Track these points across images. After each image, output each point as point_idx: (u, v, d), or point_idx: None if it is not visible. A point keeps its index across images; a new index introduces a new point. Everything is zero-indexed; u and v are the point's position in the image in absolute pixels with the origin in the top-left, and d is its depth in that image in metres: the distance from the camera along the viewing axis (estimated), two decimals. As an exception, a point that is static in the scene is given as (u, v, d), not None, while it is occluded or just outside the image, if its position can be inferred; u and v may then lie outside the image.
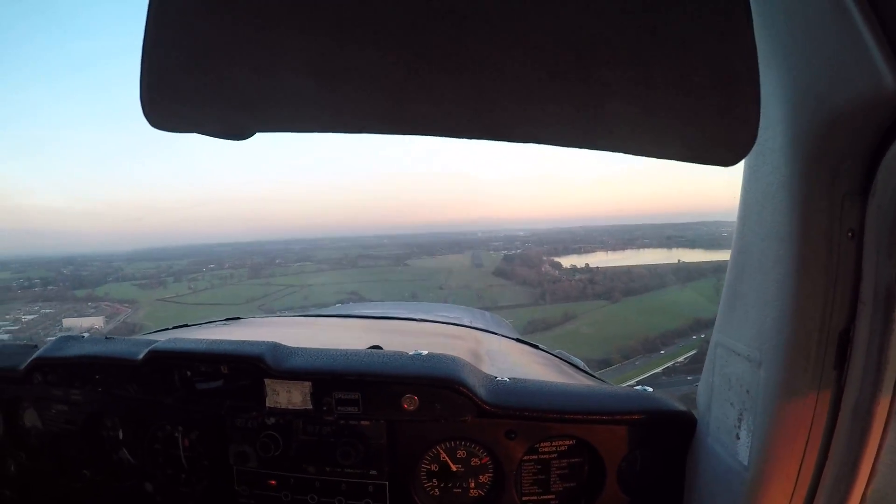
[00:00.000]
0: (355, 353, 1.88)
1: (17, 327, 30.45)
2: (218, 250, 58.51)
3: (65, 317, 35.52)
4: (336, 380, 1.80)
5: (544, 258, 49.95)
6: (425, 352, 1.87)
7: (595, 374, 2.67)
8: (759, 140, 1.18)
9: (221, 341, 1.96)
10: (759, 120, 0.74)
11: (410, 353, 1.86)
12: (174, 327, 2.95)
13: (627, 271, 44.68)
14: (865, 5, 0.92)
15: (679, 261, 44.42)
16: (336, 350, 1.89)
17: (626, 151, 0.78)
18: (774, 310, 1.25)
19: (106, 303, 40.42)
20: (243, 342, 1.93)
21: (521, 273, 46.20)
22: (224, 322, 3.18)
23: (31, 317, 34.37)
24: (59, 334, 2.22)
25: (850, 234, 1.16)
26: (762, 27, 1.14)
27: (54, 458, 2.13)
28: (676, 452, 1.74)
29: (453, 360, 1.84)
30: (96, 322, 34.01)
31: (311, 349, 1.91)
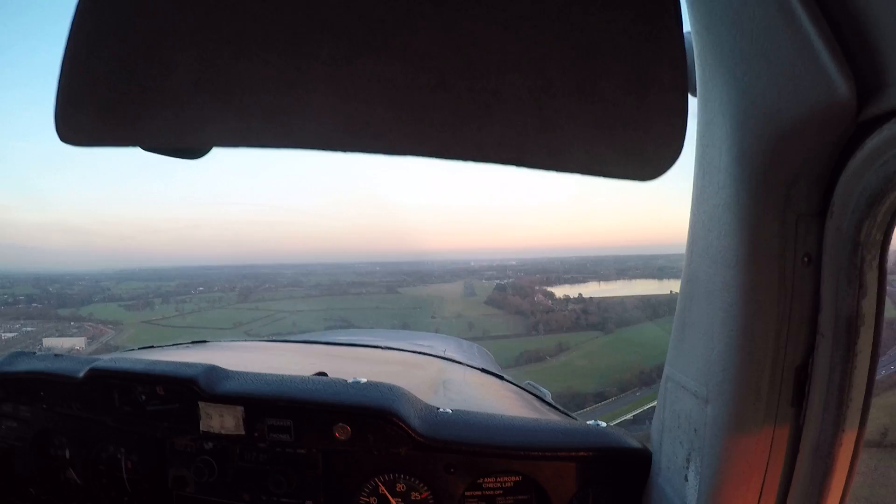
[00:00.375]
0: (291, 379, 1.83)
1: (-5, 345, 30.10)
2: (209, 273, 58.34)
3: (46, 336, 34.96)
4: (268, 405, 1.75)
5: (536, 288, 49.96)
6: (364, 380, 1.82)
7: (560, 408, 2.54)
8: (705, 159, 1.16)
9: (160, 362, 1.93)
10: (685, 130, 0.67)
11: (349, 381, 1.81)
12: (140, 348, 2.93)
13: (621, 302, 44.72)
14: (815, 8, 0.85)
15: (671, 292, 44.54)
16: (272, 375, 1.85)
17: (523, 165, 0.69)
18: (721, 342, 1.17)
19: (89, 323, 40.10)
20: (181, 364, 1.89)
21: (513, 302, 46.11)
22: (188, 345, 3.14)
23: (12, 335, 33.86)
24: (12, 350, 2.25)
25: (805, 259, 1.08)
26: (704, 38, 1.09)
27: (2, 474, 2.11)
28: (631, 492, 1.66)
29: (390, 388, 1.79)
30: (77, 343, 33.67)
31: (247, 373, 1.86)
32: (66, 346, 30.66)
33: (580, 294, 45.38)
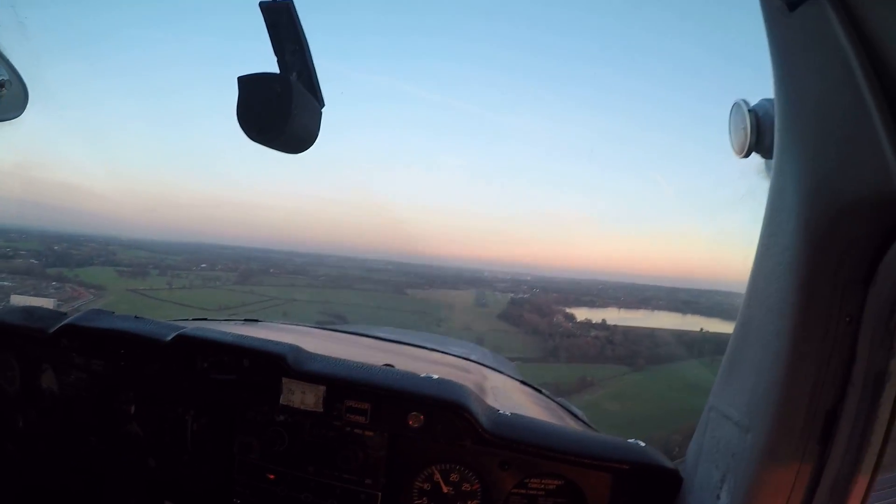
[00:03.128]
0: (371, 367, 2.01)
1: (-39, 295, 26.43)
2: (220, 252, 54.38)
3: (21, 292, 30.77)
4: (350, 388, 1.91)
5: (555, 307, 44.28)
6: (436, 376, 1.98)
7: (592, 426, 2.72)
8: (774, 221, 1.34)
9: (247, 336, 2.10)
10: None
11: (422, 375, 1.98)
12: (194, 319, 3.00)
13: (651, 334, 39.23)
14: (885, 109, 1.02)
15: (702, 329, 38.96)
16: (352, 361, 2.03)
17: None
18: (767, 381, 1.35)
19: (71, 285, 36.62)
20: (267, 340, 2.07)
21: (530, 320, 41.16)
22: (243, 322, 3.38)
23: None
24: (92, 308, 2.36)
25: (848, 319, 1.25)
26: (785, 111, 1.26)
27: (64, 421, 2.24)
28: None
29: (461, 387, 1.96)
30: (46, 304, 29.44)
31: (329, 357, 2.04)
32: (35, 305, 26.22)
33: (603, 320, 39.80)
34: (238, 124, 1.46)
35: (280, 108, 1.43)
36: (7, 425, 2.27)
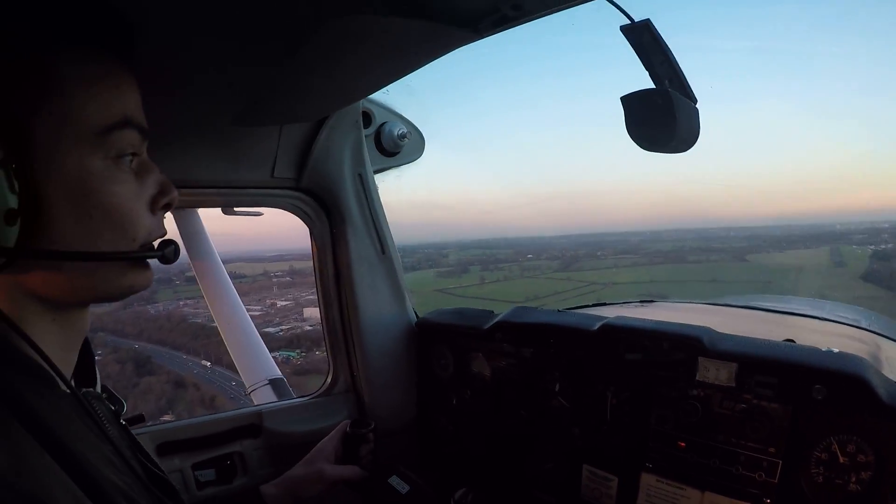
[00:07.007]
0: (777, 344, 2.06)
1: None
2: (552, 242, 55.73)
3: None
4: (759, 364, 1.94)
5: (943, 258, 34.27)
6: (836, 349, 1.95)
7: None
8: None
9: (663, 322, 2.25)
10: None
11: (823, 349, 1.95)
12: (593, 305, 3.44)
13: None
14: None
15: None
16: (758, 339, 2.09)
17: None
18: None
19: None
20: (682, 324, 2.18)
21: (908, 279, 31.83)
22: (639, 304, 3.69)
23: (285, 303, 35.76)
24: (517, 305, 2.71)
25: None
26: None
27: (495, 398, 2.56)
28: None
29: (861, 359, 1.90)
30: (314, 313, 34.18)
31: (737, 336, 2.11)
32: (306, 314, 31.81)
33: None
34: (630, 138, 1.53)
35: (665, 118, 1.44)
36: (441, 403, 2.74)
